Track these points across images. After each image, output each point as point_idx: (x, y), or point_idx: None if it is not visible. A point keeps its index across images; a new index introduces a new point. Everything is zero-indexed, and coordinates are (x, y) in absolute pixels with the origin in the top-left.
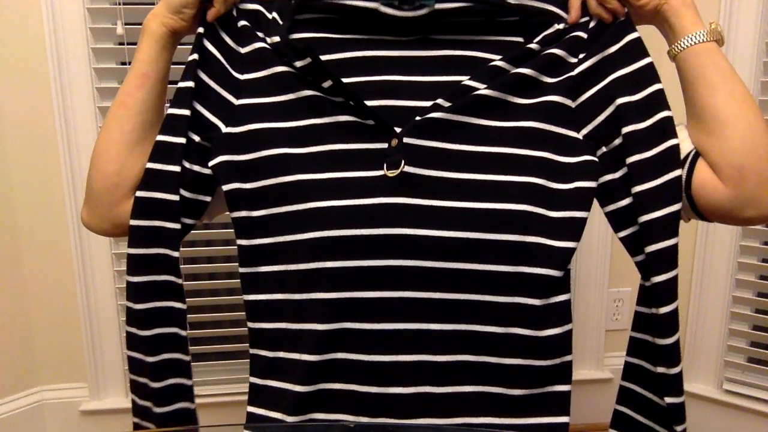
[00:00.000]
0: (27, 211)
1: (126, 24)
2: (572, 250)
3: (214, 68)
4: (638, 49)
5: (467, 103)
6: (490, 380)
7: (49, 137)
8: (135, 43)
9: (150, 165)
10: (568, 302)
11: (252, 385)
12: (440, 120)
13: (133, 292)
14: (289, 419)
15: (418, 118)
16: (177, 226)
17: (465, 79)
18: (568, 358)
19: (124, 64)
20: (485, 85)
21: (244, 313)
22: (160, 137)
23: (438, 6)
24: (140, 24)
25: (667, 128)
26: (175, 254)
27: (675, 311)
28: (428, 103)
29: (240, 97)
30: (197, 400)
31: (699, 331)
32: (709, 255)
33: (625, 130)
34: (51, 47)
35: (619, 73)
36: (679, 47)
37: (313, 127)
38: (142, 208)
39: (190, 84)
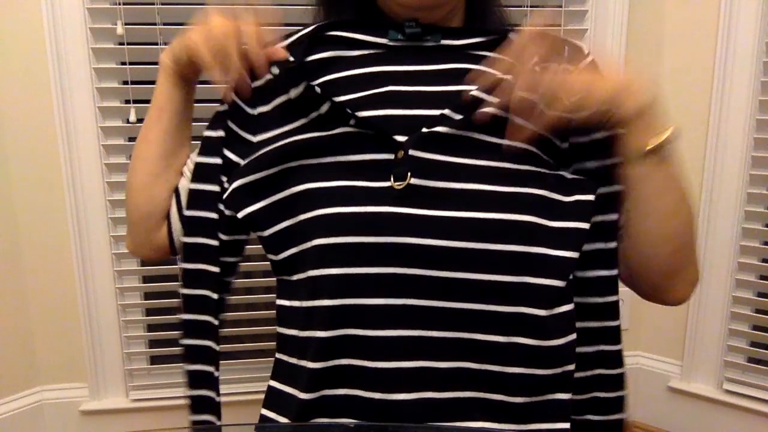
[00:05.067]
0: (27, 211)
1: (126, 24)
2: (574, 260)
3: (236, 111)
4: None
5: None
6: (491, 388)
7: (49, 137)
8: (135, 43)
9: (188, 213)
10: (571, 312)
11: (268, 387)
12: (446, 133)
13: (183, 328)
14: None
15: (424, 130)
16: (217, 269)
17: (473, 89)
18: (570, 367)
19: (124, 64)
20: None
21: (245, 313)
22: (194, 186)
23: (443, 42)
24: (140, 24)
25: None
26: (214, 296)
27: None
28: (435, 112)
29: (257, 133)
30: None
31: (699, 332)
32: (709, 255)
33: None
34: (51, 47)
35: None
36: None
37: (321, 138)
38: (187, 252)
39: (221, 134)
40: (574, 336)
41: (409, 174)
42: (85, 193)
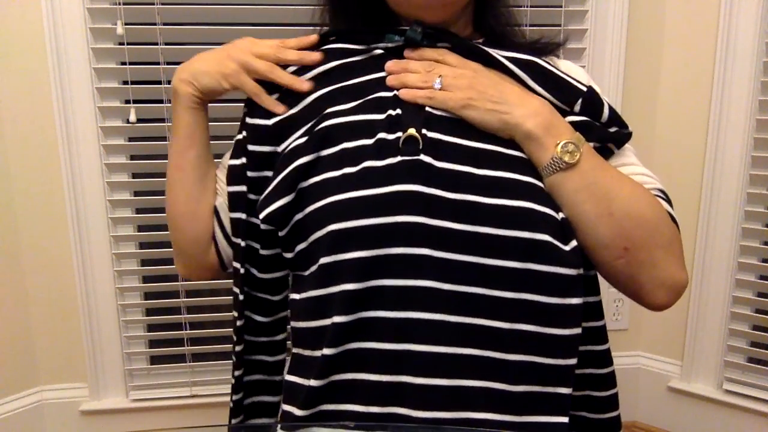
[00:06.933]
0: (27, 211)
1: (126, 24)
2: (578, 249)
3: (254, 132)
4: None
5: None
6: (493, 376)
7: (49, 137)
8: (135, 43)
9: (234, 240)
10: (578, 306)
11: (284, 382)
12: (445, 116)
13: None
14: (299, 413)
15: (435, 111)
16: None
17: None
18: (571, 361)
19: (124, 64)
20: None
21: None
22: (233, 215)
23: (439, 45)
24: (140, 24)
25: None
26: (261, 339)
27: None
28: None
29: (281, 142)
30: (196, 400)
31: (699, 332)
32: (709, 255)
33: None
34: (51, 47)
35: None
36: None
37: (332, 127)
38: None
39: (243, 161)
40: (578, 330)
41: (420, 141)
42: (85, 193)
